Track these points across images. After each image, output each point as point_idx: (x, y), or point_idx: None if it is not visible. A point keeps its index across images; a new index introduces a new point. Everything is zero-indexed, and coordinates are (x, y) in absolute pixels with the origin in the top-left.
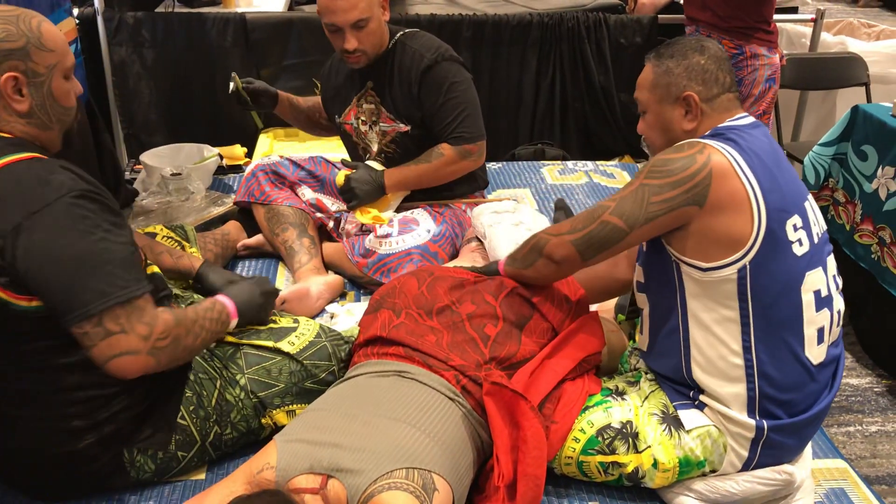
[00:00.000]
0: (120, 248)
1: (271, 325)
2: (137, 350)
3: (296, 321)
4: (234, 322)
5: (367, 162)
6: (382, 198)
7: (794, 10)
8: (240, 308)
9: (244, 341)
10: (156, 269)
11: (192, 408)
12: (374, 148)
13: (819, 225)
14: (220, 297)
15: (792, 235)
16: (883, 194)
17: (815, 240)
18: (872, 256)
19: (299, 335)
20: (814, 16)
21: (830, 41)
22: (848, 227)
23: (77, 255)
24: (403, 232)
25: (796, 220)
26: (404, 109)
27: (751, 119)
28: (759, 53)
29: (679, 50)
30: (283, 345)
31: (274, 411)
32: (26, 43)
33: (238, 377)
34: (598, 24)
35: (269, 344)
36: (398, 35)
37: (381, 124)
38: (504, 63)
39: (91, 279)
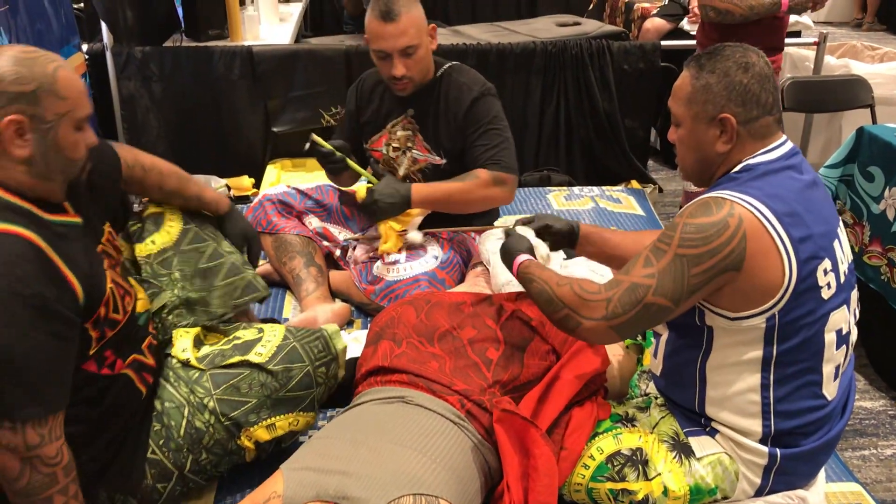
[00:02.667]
0: (47, 362)
1: (235, 342)
2: (16, 449)
3: (260, 330)
4: None
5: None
6: (405, 212)
7: (798, 34)
8: None
9: (210, 370)
10: (148, 306)
11: (161, 441)
12: (401, 172)
13: (846, 261)
14: None
15: (822, 280)
16: (891, 215)
17: (842, 279)
18: (882, 278)
19: (265, 343)
20: (817, 39)
21: (834, 64)
22: (857, 249)
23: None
24: (411, 259)
25: (826, 264)
26: (445, 140)
27: (787, 147)
28: None
29: (722, 64)
30: (252, 356)
31: (252, 429)
32: (37, 87)
33: (206, 401)
34: (602, 50)
35: (237, 360)
36: (445, 66)
37: (413, 151)
38: (508, 91)
39: (14, 385)
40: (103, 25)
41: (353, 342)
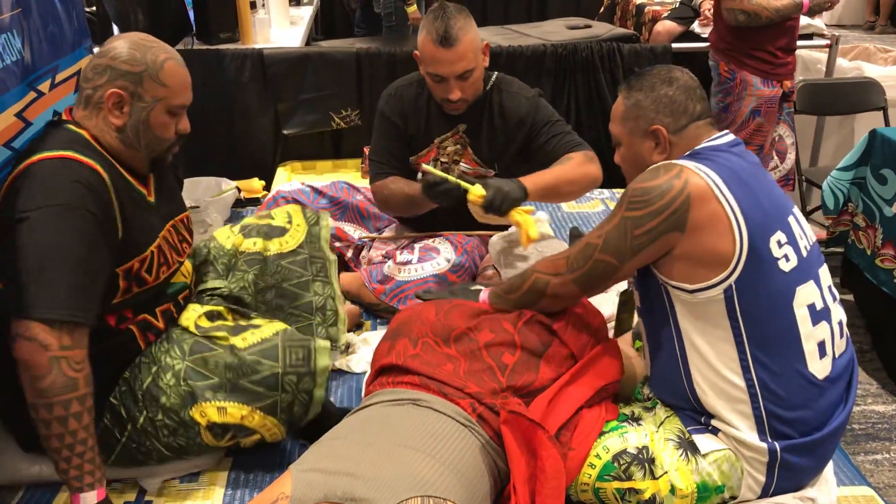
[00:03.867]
0: (90, 272)
1: (239, 322)
2: (47, 346)
3: (266, 320)
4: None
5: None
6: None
7: (810, 36)
8: None
9: (196, 338)
10: (185, 280)
11: (124, 388)
12: None
13: (807, 238)
14: (88, 492)
15: (777, 252)
16: None
17: (804, 253)
18: (895, 281)
19: (254, 332)
20: (829, 41)
21: (846, 66)
22: (869, 252)
23: (45, 259)
24: (423, 260)
25: (780, 235)
26: (498, 150)
27: (730, 137)
28: (749, 83)
29: (648, 82)
30: (237, 340)
31: (204, 404)
32: (143, 70)
33: (176, 364)
34: (612, 53)
35: (222, 334)
36: (493, 79)
37: (462, 165)
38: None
39: (50, 287)
40: (115, 28)
41: (363, 343)
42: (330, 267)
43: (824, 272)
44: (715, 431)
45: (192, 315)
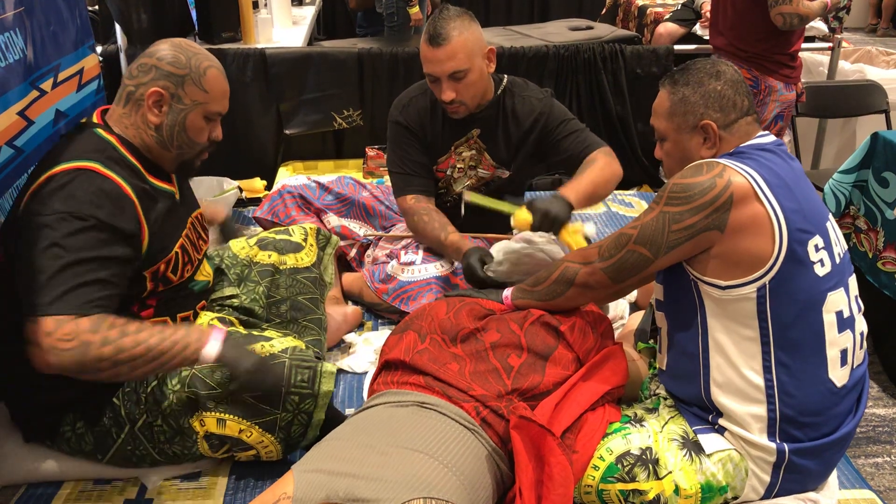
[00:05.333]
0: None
1: (252, 332)
2: (38, 343)
3: (278, 333)
4: (203, 359)
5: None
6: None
7: (812, 38)
8: (225, 358)
9: None
10: (208, 278)
11: (128, 390)
12: (457, 188)
13: (840, 245)
14: (209, 339)
15: (814, 256)
16: None
17: (837, 260)
18: None
19: (263, 345)
20: (831, 44)
21: (848, 69)
22: (871, 255)
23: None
24: (427, 261)
25: (818, 240)
26: (513, 152)
27: (772, 138)
28: (775, 88)
29: (694, 76)
30: None
31: (205, 414)
32: (186, 75)
33: (184, 370)
34: (615, 54)
35: None
36: (504, 83)
37: (479, 169)
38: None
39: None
40: (117, 27)
41: (364, 343)
42: (325, 290)
43: (853, 281)
44: (721, 431)
45: (205, 320)
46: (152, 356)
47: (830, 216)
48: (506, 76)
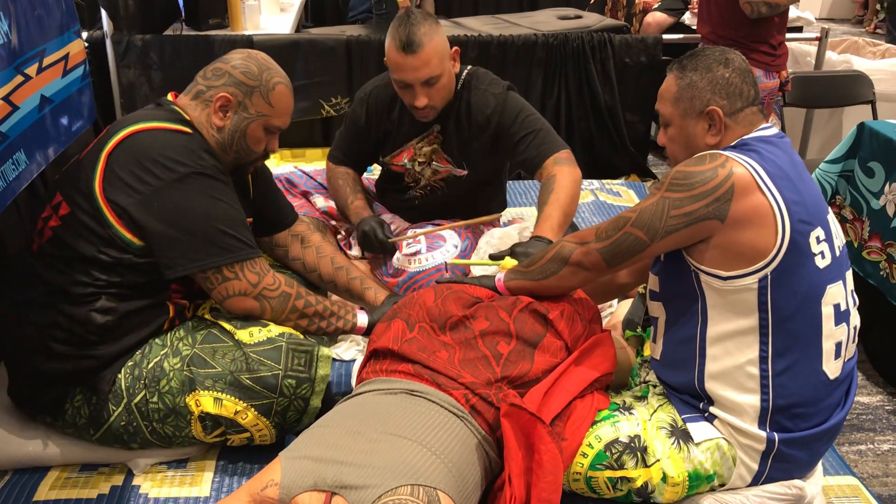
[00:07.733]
0: (238, 215)
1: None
2: (246, 292)
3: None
4: (356, 327)
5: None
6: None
7: (799, 29)
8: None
9: (209, 328)
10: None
11: (131, 364)
12: (422, 182)
13: (839, 238)
14: (359, 314)
15: (815, 248)
16: (891, 211)
17: (837, 253)
18: (881, 273)
19: (261, 328)
20: (818, 34)
21: (835, 59)
22: (856, 244)
23: (205, 218)
24: (431, 249)
25: (819, 232)
26: (469, 149)
27: (774, 130)
28: (754, 76)
29: (703, 62)
30: (243, 334)
31: (202, 392)
32: (256, 86)
33: (185, 349)
34: (603, 44)
35: (229, 327)
36: (464, 75)
37: (434, 164)
38: (509, 83)
39: (218, 239)
40: (103, 13)
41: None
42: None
43: (850, 275)
44: (711, 418)
45: (207, 305)
46: (320, 319)
47: (830, 209)
48: (468, 67)
